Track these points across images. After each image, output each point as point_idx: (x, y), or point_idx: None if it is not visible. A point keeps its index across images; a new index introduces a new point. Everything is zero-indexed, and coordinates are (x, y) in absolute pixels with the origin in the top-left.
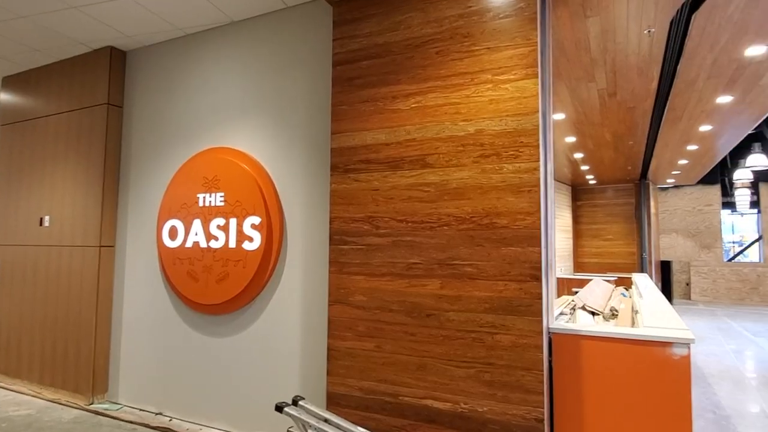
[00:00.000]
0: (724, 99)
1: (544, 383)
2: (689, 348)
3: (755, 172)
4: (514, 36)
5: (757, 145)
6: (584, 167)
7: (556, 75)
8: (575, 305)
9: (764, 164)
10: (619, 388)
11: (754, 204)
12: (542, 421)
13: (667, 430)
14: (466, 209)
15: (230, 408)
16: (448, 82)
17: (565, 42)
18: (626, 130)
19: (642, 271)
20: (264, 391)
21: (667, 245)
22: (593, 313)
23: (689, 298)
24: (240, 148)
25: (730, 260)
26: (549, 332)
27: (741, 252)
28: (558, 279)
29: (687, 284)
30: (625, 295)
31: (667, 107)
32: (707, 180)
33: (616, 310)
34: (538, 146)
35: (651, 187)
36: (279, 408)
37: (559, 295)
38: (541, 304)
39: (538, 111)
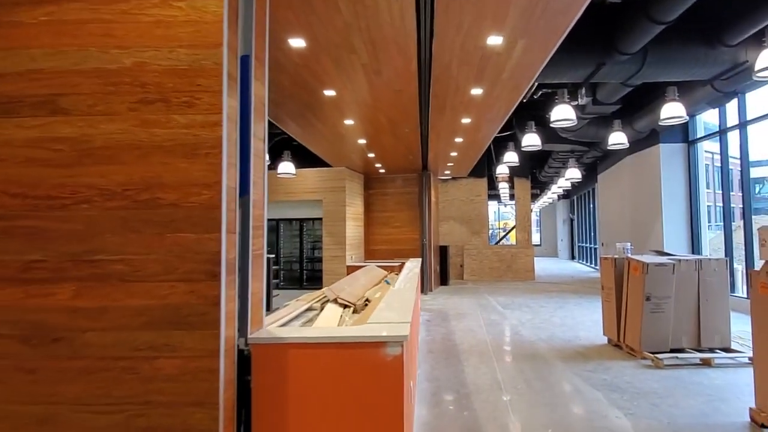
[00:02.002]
0: (476, 91)
1: (221, 420)
2: (403, 347)
3: (510, 168)
4: None
5: (511, 144)
6: (370, 154)
7: (310, 38)
8: (327, 299)
9: (514, 160)
10: (330, 400)
11: (514, 197)
12: None
13: None
14: (118, 179)
15: None
16: None
17: None
18: (399, 116)
19: (423, 256)
20: None
21: (446, 231)
22: (346, 306)
23: (462, 278)
24: None
25: (495, 243)
26: (247, 344)
27: (504, 237)
28: (349, 267)
29: (461, 266)
30: (388, 282)
31: (431, 94)
32: (477, 173)
33: (369, 301)
34: (221, 92)
35: (432, 178)
36: None
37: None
38: (219, 311)
39: (222, 44)
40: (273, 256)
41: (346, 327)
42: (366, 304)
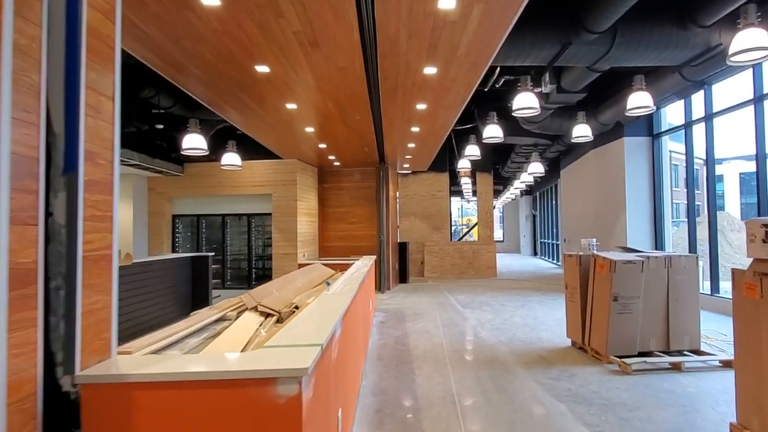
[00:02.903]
0: (430, 70)
1: None
2: (301, 384)
3: (473, 162)
4: None
5: (473, 137)
6: (321, 145)
7: None
8: (244, 306)
9: (476, 154)
10: None
11: (476, 193)
12: None
13: None
14: None
15: None
16: None
17: None
18: (347, 100)
19: (380, 253)
20: None
21: (407, 228)
22: (269, 314)
23: (423, 276)
24: None
25: (459, 239)
26: (75, 385)
27: (467, 233)
28: (300, 265)
29: (422, 263)
30: (329, 284)
31: (380, 74)
32: (438, 168)
33: (297, 308)
34: None
35: (390, 171)
36: None
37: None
38: None
39: None
40: (213, 254)
41: (229, 355)
42: (294, 312)
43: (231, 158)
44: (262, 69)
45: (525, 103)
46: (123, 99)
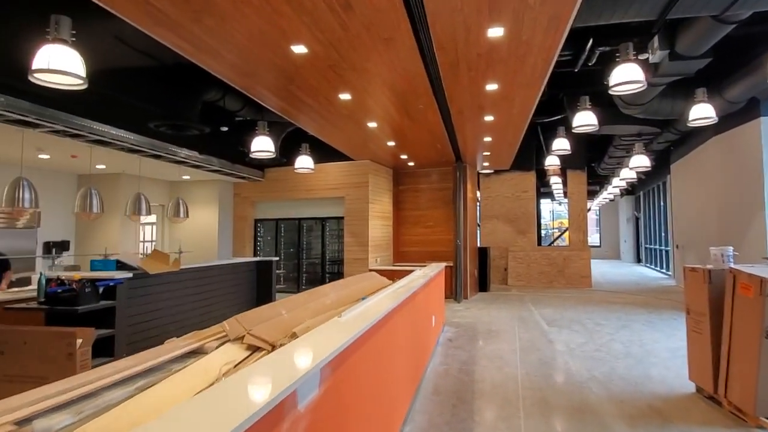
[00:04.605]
0: (495, 31)
1: None
2: None
3: (562, 158)
4: None
5: (561, 129)
6: (390, 143)
7: None
8: (226, 337)
9: (565, 148)
10: None
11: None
12: None
13: None
14: None
15: None
16: None
17: None
18: (403, 83)
19: (456, 259)
20: None
21: (489, 231)
22: (259, 348)
23: (506, 284)
24: None
25: (549, 245)
26: None
27: (558, 238)
28: (373, 271)
29: (505, 269)
30: (364, 299)
31: (434, 44)
32: (523, 166)
33: (296, 335)
34: None
35: (468, 171)
36: None
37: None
38: None
39: None
40: (285, 258)
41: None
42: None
43: (304, 161)
44: (299, 49)
45: (626, 76)
46: (186, 101)
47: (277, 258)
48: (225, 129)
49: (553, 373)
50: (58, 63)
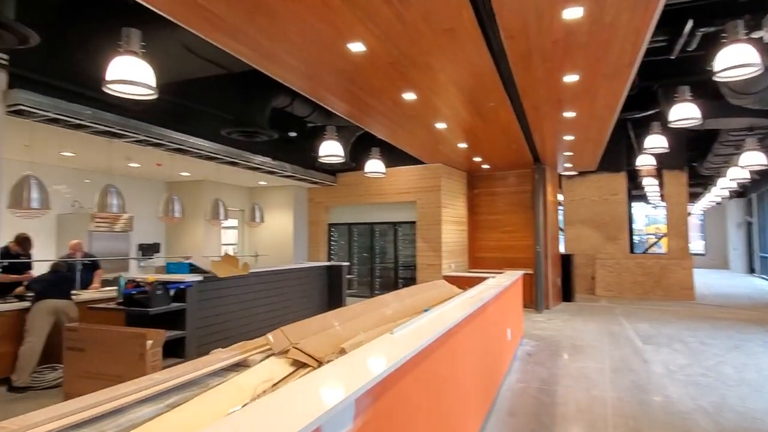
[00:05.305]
0: (573, 11)
1: None
2: None
3: (658, 157)
4: None
5: (655, 124)
6: (462, 145)
7: None
8: (270, 351)
9: (662, 145)
10: None
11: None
12: None
13: None
14: None
15: None
16: None
17: None
18: (470, 78)
19: (536, 266)
20: None
21: (573, 237)
22: (305, 364)
23: (594, 294)
24: None
25: (644, 252)
26: None
27: (653, 244)
28: (447, 278)
29: (592, 278)
30: (427, 310)
31: (501, 31)
32: (611, 167)
33: (345, 351)
34: None
35: (548, 173)
36: None
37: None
38: None
39: None
40: (347, 263)
41: None
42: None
43: (375, 165)
44: (356, 47)
45: (736, 59)
46: (255, 108)
47: (348, 263)
48: (294, 134)
49: (649, 399)
50: (129, 74)
